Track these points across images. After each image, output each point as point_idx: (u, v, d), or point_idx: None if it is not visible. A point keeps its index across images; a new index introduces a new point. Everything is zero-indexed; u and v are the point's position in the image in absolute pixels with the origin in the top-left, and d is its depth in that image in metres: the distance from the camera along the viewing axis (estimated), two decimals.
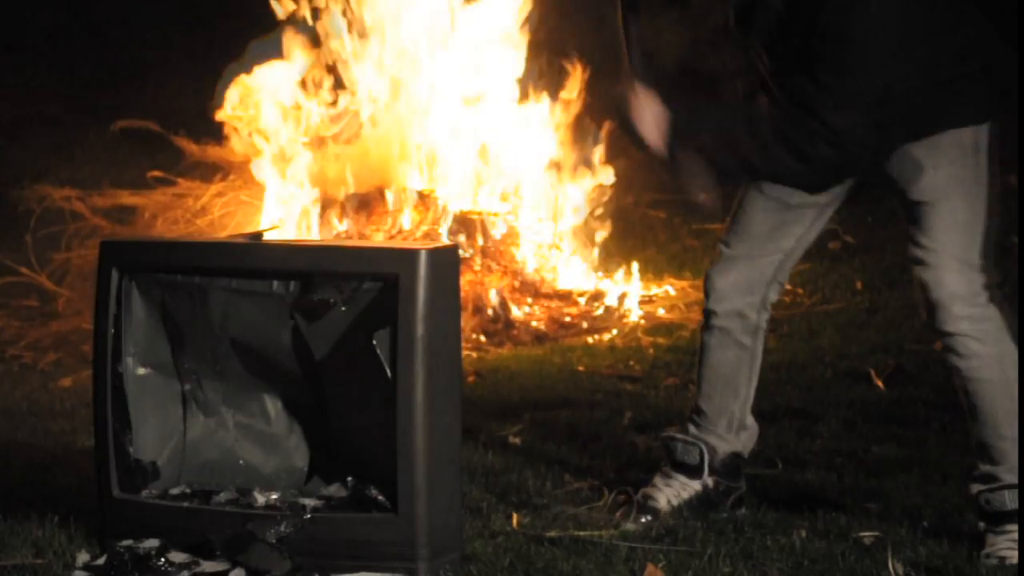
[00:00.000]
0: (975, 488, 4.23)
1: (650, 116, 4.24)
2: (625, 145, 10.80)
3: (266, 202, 8.43)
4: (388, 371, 3.98)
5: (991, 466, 4.21)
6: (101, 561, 4.06)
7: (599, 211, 8.50)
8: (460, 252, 7.56)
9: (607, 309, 8.10)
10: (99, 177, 9.57)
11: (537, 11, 8.29)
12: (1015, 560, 4.10)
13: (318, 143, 8.45)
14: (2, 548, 4.20)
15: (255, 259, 4.17)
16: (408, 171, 8.32)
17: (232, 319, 4.19)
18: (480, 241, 8.15)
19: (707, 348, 4.57)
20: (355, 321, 4.07)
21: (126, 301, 4.22)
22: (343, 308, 4.06)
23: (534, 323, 8.02)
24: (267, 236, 4.47)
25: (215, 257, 4.26)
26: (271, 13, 8.47)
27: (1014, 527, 4.13)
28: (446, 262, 4.05)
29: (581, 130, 8.56)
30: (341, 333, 4.11)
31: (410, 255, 3.99)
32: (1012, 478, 4.17)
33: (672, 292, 8.35)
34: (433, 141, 8.35)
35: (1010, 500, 4.15)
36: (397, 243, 7.41)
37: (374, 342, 4.00)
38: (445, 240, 7.73)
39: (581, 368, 7.05)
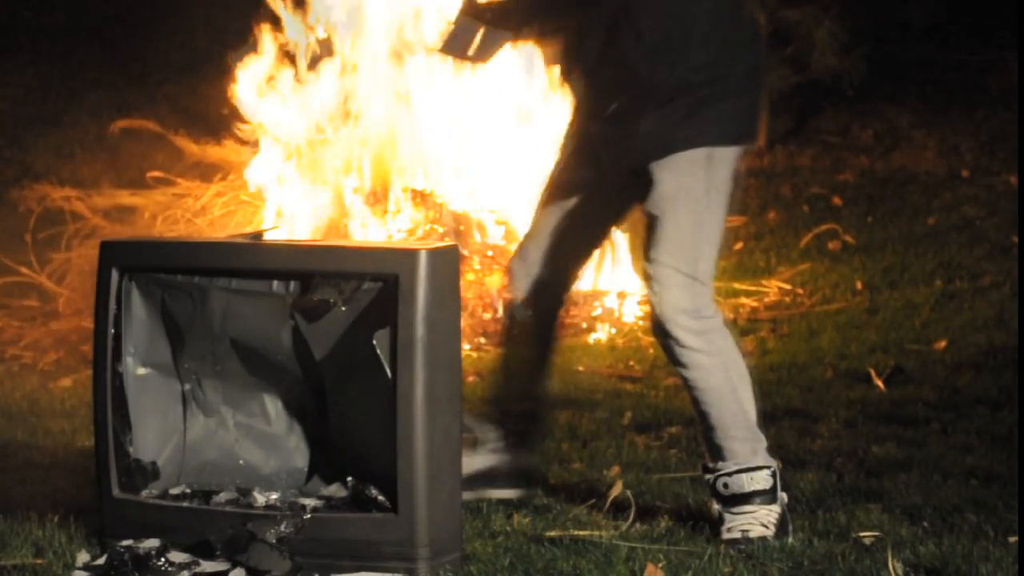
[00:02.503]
0: (710, 476, 4.36)
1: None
2: None
3: (266, 202, 8.44)
4: (388, 371, 3.98)
5: (723, 463, 4.35)
6: (101, 561, 4.06)
7: None
8: (460, 252, 7.56)
9: (606, 309, 8.10)
10: (99, 177, 9.58)
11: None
12: (757, 534, 4.27)
13: (319, 143, 8.45)
14: (2, 548, 4.20)
15: (255, 259, 4.17)
16: (408, 171, 8.32)
17: (232, 319, 4.19)
18: (480, 241, 8.15)
19: None
20: (355, 321, 4.07)
21: (126, 301, 4.22)
22: (343, 308, 4.06)
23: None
24: (267, 236, 4.47)
25: (215, 257, 4.25)
26: (271, 13, 8.47)
27: (751, 507, 4.30)
28: (446, 262, 4.05)
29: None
30: (341, 333, 4.10)
31: (410, 255, 3.99)
32: (746, 463, 4.31)
33: None
34: (433, 141, 8.35)
35: (748, 483, 4.31)
36: (397, 243, 7.41)
37: (374, 342, 4.00)
38: (445, 240, 7.73)
39: (581, 368, 7.05)
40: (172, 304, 4.24)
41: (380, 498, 4.02)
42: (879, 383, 6.38)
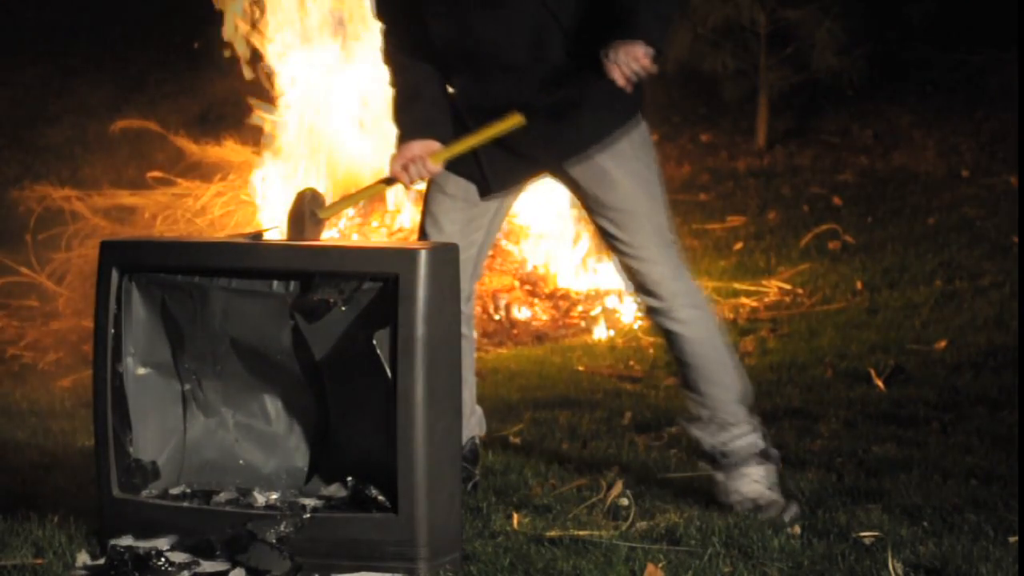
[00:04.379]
0: (708, 439, 4.61)
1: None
2: None
3: (267, 202, 8.44)
4: (388, 371, 3.98)
5: (715, 412, 4.60)
6: (101, 561, 4.06)
7: None
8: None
9: (606, 309, 8.10)
10: (99, 177, 9.59)
11: None
12: (766, 500, 4.52)
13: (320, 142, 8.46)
14: (2, 548, 4.20)
15: (255, 259, 4.17)
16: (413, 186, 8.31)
17: (232, 319, 4.19)
18: None
19: None
20: (355, 321, 4.07)
21: (126, 301, 4.22)
22: (343, 308, 4.06)
23: (534, 323, 8.02)
24: (267, 236, 4.47)
25: (215, 257, 4.25)
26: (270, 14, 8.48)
27: (749, 469, 4.58)
28: (446, 262, 4.05)
29: None
30: (341, 333, 4.10)
31: (410, 255, 3.99)
32: (736, 423, 4.60)
33: None
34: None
35: (744, 448, 4.59)
36: (397, 243, 7.41)
37: (374, 342, 4.00)
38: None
39: (581, 368, 7.05)
40: (172, 304, 4.24)
41: (380, 498, 4.01)
42: (879, 383, 6.38)
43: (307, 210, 4.40)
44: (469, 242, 4.62)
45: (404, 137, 4.56)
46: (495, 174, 4.59)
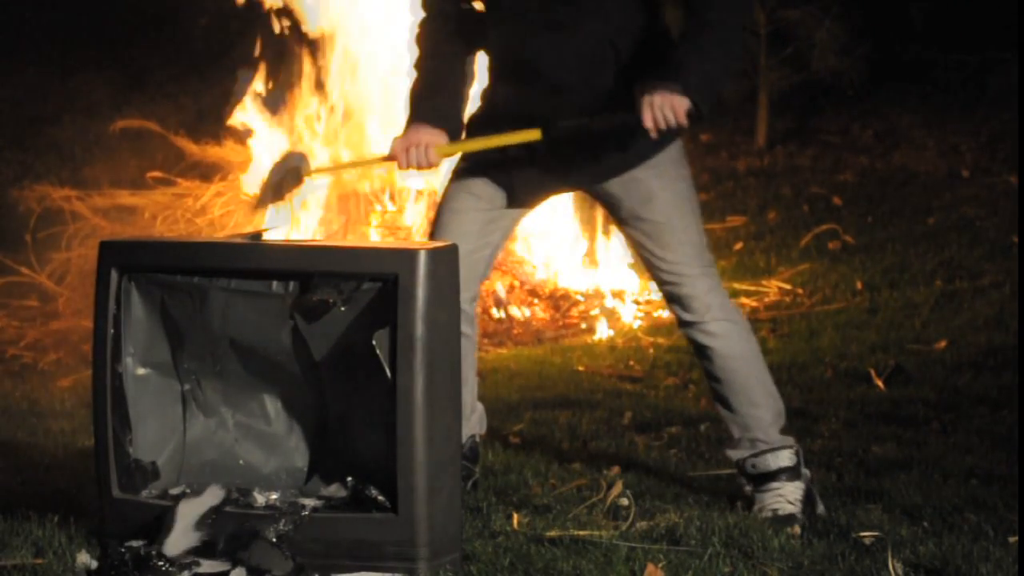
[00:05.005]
0: (738, 455, 4.63)
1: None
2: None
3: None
4: (388, 371, 3.98)
5: (747, 432, 4.61)
6: (101, 561, 4.05)
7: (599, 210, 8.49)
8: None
9: (605, 309, 8.10)
10: (99, 177, 9.59)
11: None
12: (785, 512, 4.52)
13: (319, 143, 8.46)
14: (2, 548, 4.19)
15: (255, 259, 4.16)
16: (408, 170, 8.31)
17: (232, 319, 4.19)
18: None
19: None
20: (355, 321, 4.07)
21: (126, 301, 4.22)
22: (343, 308, 4.06)
23: (534, 323, 8.02)
24: (267, 236, 4.46)
25: (215, 257, 4.25)
26: (270, 15, 8.48)
27: (777, 484, 4.58)
28: (446, 262, 4.05)
29: None
30: (341, 333, 4.10)
31: (410, 255, 3.99)
32: (768, 444, 4.60)
33: None
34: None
35: (773, 461, 4.59)
36: (397, 243, 7.41)
37: (374, 342, 4.00)
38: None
39: (581, 368, 7.05)
40: (172, 304, 4.24)
41: (380, 498, 4.01)
42: (879, 383, 6.38)
43: (290, 165, 4.39)
44: (485, 243, 4.61)
45: (415, 121, 4.55)
46: (525, 189, 4.59)
